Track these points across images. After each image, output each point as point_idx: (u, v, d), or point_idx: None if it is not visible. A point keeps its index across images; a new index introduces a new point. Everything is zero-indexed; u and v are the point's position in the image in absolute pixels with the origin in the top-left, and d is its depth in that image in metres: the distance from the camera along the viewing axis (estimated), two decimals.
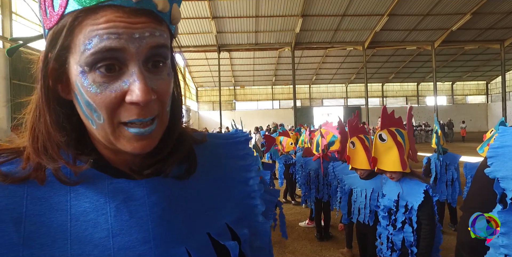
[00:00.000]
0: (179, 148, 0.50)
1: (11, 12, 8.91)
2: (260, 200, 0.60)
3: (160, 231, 0.44)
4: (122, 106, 0.39)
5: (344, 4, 13.47)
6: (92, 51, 0.37)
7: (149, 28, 0.39)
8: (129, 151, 0.41)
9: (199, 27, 14.96)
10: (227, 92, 27.98)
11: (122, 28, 0.37)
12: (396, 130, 2.05)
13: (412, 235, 1.88)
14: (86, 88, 0.39)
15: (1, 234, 0.37)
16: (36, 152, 0.42)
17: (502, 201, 0.82)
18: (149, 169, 0.46)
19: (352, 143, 2.64)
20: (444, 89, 29.77)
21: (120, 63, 0.39)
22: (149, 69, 0.40)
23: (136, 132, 0.40)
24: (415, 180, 1.97)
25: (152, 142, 0.42)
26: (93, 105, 0.39)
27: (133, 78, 0.38)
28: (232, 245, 0.49)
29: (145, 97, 0.38)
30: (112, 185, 0.44)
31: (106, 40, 0.37)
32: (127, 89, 0.39)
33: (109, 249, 0.41)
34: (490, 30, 16.28)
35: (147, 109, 0.40)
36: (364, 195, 2.57)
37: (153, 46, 0.39)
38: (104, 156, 0.46)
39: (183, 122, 0.54)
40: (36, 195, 0.41)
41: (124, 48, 0.38)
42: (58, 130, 0.42)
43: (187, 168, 0.50)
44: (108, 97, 0.38)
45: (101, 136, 0.42)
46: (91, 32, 0.37)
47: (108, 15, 0.37)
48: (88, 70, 0.38)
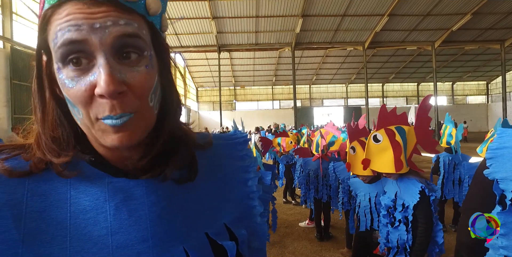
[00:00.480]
0: (180, 152, 0.49)
1: (12, 12, 8.91)
2: (259, 201, 0.60)
3: (158, 230, 0.44)
4: (96, 101, 0.39)
5: (344, 4, 13.47)
6: (58, 45, 0.38)
7: (111, 17, 0.38)
8: (109, 144, 0.40)
9: (199, 27, 14.96)
10: (227, 92, 27.99)
11: (82, 19, 0.37)
12: (397, 128, 1.97)
13: (405, 233, 1.88)
14: (62, 84, 0.39)
15: (1, 230, 0.38)
16: (39, 147, 0.43)
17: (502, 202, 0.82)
18: (147, 175, 0.46)
19: (353, 148, 2.49)
20: (445, 89, 29.76)
21: (87, 55, 0.38)
22: (121, 61, 0.39)
23: (110, 123, 0.39)
24: (412, 179, 1.95)
25: (130, 135, 0.40)
26: (71, 101, 0.40)
27: (99, 69, 0.37)
28: (230, 245, 0.49)
29: (109, 88, 0.36)
30: (111, 184, 0.44)
31: (67, 32, 0.37)
32: (95, 81, 0.38)
33: (108, 247, 0.41)
34: (490, 30, 16.27)
35: (118, 103, 0.38)
36: (368, 199, 2.47)
37: (117, 36, 0.38)
38: (102, 155, 0.46)
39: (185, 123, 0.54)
40: (36, 192, 0.42)
41: (86, 39, 0.37)
42: (55, 127, 0.43)
43: (187, 176, 0.50)
44: (79, 91, 0.38)
45: (86, 132, 0.42)
46: (55, 27, 0.38)
47: (69, 8, 0.37)
48: (61, 66, 0.39)
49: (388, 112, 2.03)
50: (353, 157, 2.49)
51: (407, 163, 1.92)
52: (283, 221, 4.92)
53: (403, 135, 1.94)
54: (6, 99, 8.56)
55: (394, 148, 1.91)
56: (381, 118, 2.03)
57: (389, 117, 2.02)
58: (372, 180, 2.54)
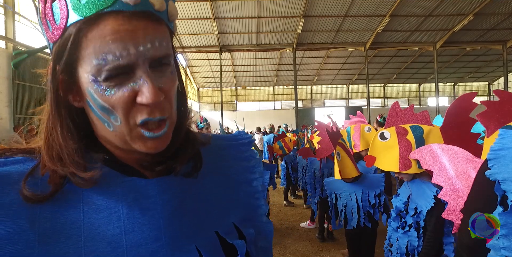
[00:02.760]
0: (188, 146, 0.51)
1: (14, 13, 8.95)
2: (264, 200, 0.61)
3: (171, 228, 0.45)
4: (135, 106, 0.41)
5: (346, 5, 13.46)
6: (106, 68, 0.39)
7: (151, 35, 0.40)
8: (144, 151, 0.43)
9: (200, 27, 14.97)
10: (228, 92, 27.99)
11: (129, 40, 0.38)
12: (413, 126, 1.86)
13: (416, 239, 1.75)
14: (100, 93, 0.40)
15: (17, 230, 0.38)
16: (52, 161, 0.43)
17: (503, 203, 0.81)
18: (160, 166, 0.47)
19: (338, 154, 2.48)
20: (446, 90, 29.69)
21: (130, 71, 0.40)
22: (155, 69, 0.42)
23: (150, 136, 0.42)
24: (427, 182, 1.80)
25: (164, 142, 0.44)
26: (109, 108, 0.40)
27: (142, 80, 0.40)
28: (240, 244, 0.50)
29: (155, 98, 0.39)
30: (124, 183, 0.45)
31: (119, 59, 0.38)
32: (138, 89, 0.40)
33: (122, 246, 0.41)
34: (492, 31, 16.22)
35: (156, 108, 0.41)
36: (355, 198, 2.47)
37: (156, 56, 0.41)
38: (115, 155, 0.47)
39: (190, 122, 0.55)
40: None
41: (134, 62, 0.39)
42: (70, 139, 0.43)
43: (194, 165, 0.51)
44: (122, 97, 0.40)
45: (118, 138, 0.43)
46: (102, 48, 0.38)
47: (111, 24, 0.38)
48: (100, 79, 0.40)
49: (401, 110, 1.95)
50: (340, 163, 2.47)
51: (420, 164, 1.76)
52: (284, 222, 4.92)
53: (418, 135, 1.83)
54: (8, 99, 8.59)
55: (402, 147, 1.83)
56: (392, 117, 1.96)
57: (403, 115, 1.94)
58: (354, 179, 2.53)
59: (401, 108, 1.98)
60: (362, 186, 2.50)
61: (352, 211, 2.46)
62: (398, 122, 1.93)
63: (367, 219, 2.46)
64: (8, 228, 0.37)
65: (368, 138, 3.60)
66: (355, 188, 2.51)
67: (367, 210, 2.45)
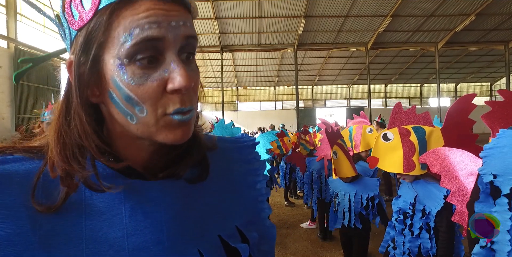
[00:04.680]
0: (193, 152, 0.50)
1: (16, 13, 8.98)
2: (267, 204, 0.61)
3: (173, 232, 0.44)
4: (164, 96, 0.40)
5: (347, 5, 13.45)
6: (134, 42, 0.37)
7: (183, 17, 0.40)
8: (170, 140, 0.41)
9: (202, 27, 14.99)
10: (229, 92, 28.02)
11: (162, 16, 0.38)
12: (415, 127, 1.85)
13: (428, 241, 1.75)
14: (126, 81, 0.39)
15: (18, 231, 0.37)
16: (66, 161, 0.40)
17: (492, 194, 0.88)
18: (163, 172, 0.46)
19: (335, 153, 2.51)
20: (448, 91, 29.64)
21: (158, 53, 0.39)
22: (184, 61, 0.41)
23: (180, 118, 0.41)
24: (432, 183, 1.79)
25: (190, 130, 0.43)
26: (135, 99, 0.39)
27: (173, 66, 0.39)
28: (243, 248, 0.50)
29: (187, 82, 0.38)
30: (127, 186, 0.44)
31: (147, 30, 0.37)
32: (168, 77, 0.39)
33: (124, 249, 0.41)
34: (494, 31, 16.19)
35: (187, 97, 0.41)
36: (348, 198, 2.51)
37: (186, 36, 0.40)
38: (120, 156, 0.45)
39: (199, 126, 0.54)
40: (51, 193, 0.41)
41: (164, 37, 0.38)
42: (93, 132, 0.42)
43: (200, 174, 0.50)
44: (150, 87, 0.39)
45: (140, 131, 0.42)
46: (131, 23, 0.37)
47: (146, 3, 0.37)
48: (127, 62, 0.38)
49: (403, 111, 1.94)
50: (336, 162, 2.49)
51: (423, 166, 1.77)
52: (284, 222, 4.92)
53: (421, 136, 1.83)
54: (10, 99, 8.63)
55: (405, 148, 1.82)
56: (394, 117, 1.95)
57: (406, 116, 1.93)
58: (352, 179, 2.57)
59: (404, 109, 1.97)
60: (356, 187, 2.53)
61: (344, 210, 2.51)
62: (400, 123, 1.92)
63: (358, 221, 2.49)
64: (8, 229, 0.36)
65: (369, 139, 3.60)
66: (350, 189, 2.54)
67: (358, 211, 2.48)
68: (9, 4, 8.77)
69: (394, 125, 1.94)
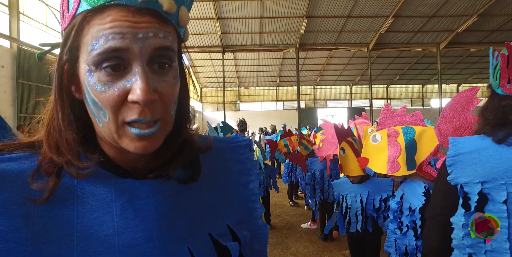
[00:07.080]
0: (183, 154, 0.50)
1: (18, 13, 9.01)
2: (260, 203, 0.61)
3: (164, 230, 0.45)
4: (126, 105, 0.40)
5: (349, 5, 13.44)
6: (98, 51, 0.38)
7: (153, 28, 0.39)
8: (131, 150, 0.42)
9: (203, 27, 15.00)
10: (231, 92, 28.02)
11: (127, 28, 0.38)
12: (405, 128, 1.86)
13: (413, 239, 1.76)
14: (92, 87, 0.40)
15: (11, 228, 0.38)
16: (49, 148, 0.43)
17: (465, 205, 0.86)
18: (152, 174, 0.47)
19: (342, 149, 2.46)
20: (450, 91, 29.53)
21: (124, 63, 0.39)
22: (155, 70, 0.41)
23: (137, 133, 0.40)
24: (418, 181, 1.83)
25: (153, 143, 0.42)
26: (99, 104, 0.40)
27: (136, 77, 0.39)
28: (233, 246, 0.50)
29: (146, 96, 0.38)
30: (118, 184, 0.45)
31: (111, 40, 0.38)
32: (130, 87, 0.39)
33: (114, 246, 0.42)
34: (497, 32, 16.13)
35: (148, 109, 0.40)
36: (359, 199, 2.42)
37: (156, 48, 0.40)
38: (110, 156, 0.47)
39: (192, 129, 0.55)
40: (44, 191, 0.42)
41: (128, 48, 0.38)
42: (68, 127, 0.43)
43: (191, 175, 0.51)
44: (111, 95, 0.39)
45: (106, 135, 0.42)
46: (98, 32, 0.38)
47: (114, 14, 0.38)
48: (94, 69, 0.39)
49: (393, 112, 1.94)
50: (343, 158, 2.45)
51: (411, 166, 1.79)
52: (285, 222, 4.92)
53: (409, 137, 1.83)
54: (12, 98, 8.65)
55: (391, 149, 1.83)
56: (383, 118, 1.96)
57: (396, 117, 1.93)
58: (361, 180, 2.49)
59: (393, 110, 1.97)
60: (368, 188, 2.45)
61: (357, 214, 2.41)
62: (390, 124, 1.93)
63: (370, 223, 2.40)
64: (2, 226, 0.38)
65: None
66: (361, 190, 2.45)
67: (370, 213, 2.40)
68: (12, 4, 8.80)
69: (383, 126, 1.95)
